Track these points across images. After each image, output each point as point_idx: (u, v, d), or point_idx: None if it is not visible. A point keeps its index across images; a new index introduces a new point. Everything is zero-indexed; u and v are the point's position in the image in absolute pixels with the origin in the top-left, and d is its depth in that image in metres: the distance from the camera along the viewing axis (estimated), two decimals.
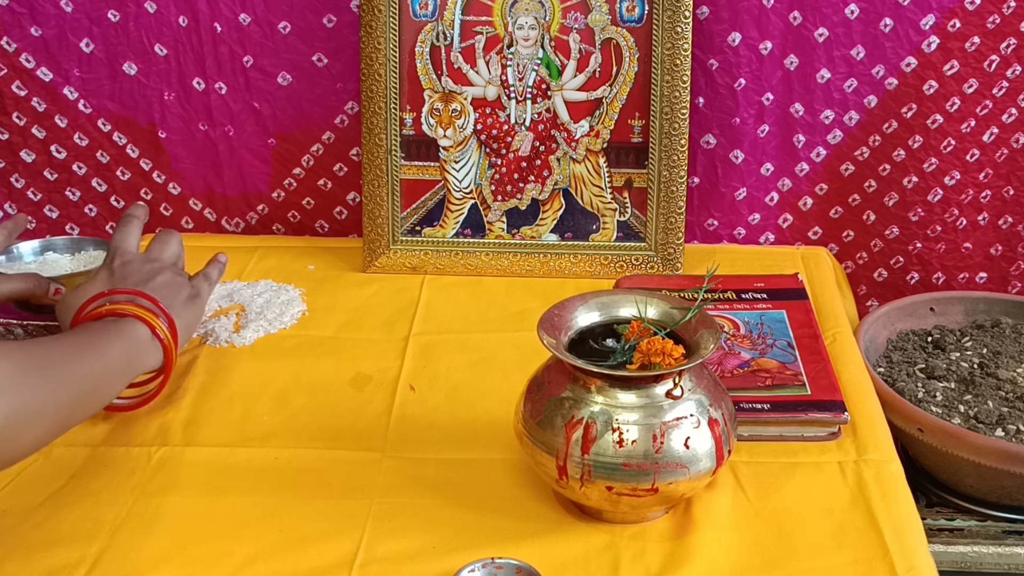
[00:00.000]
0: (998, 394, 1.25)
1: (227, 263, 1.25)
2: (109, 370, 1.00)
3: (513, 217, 1.38)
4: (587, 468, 0.91)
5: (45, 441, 0.91)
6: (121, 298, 1.06)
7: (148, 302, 1.06)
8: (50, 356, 0.93)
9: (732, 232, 1.46)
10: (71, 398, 0.93)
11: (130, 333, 1.03)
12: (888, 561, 0.91)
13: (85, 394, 0.96)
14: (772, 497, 0.99)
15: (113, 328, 1.02)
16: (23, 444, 0.88)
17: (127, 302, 1.06)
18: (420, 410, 1.12)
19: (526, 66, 1.34)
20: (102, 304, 1.06)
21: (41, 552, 0.93)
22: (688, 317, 0.96)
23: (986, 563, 1.22)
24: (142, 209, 1.21)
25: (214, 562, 0.92)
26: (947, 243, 1.45)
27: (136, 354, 1.03)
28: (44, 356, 0.93)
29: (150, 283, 1.10)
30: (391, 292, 1.34)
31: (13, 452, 0.87)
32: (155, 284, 1.10)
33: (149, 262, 1.14)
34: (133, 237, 1.17)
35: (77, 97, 1.43)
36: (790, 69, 1.37)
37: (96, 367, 0.98)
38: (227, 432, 1.09)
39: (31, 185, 1.49)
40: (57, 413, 0.91)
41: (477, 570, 0.88)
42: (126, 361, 1.02)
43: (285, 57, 1.40)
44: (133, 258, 1.14)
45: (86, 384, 0.96)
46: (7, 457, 0.87)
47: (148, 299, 1.07)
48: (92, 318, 1.05)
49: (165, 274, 1.12)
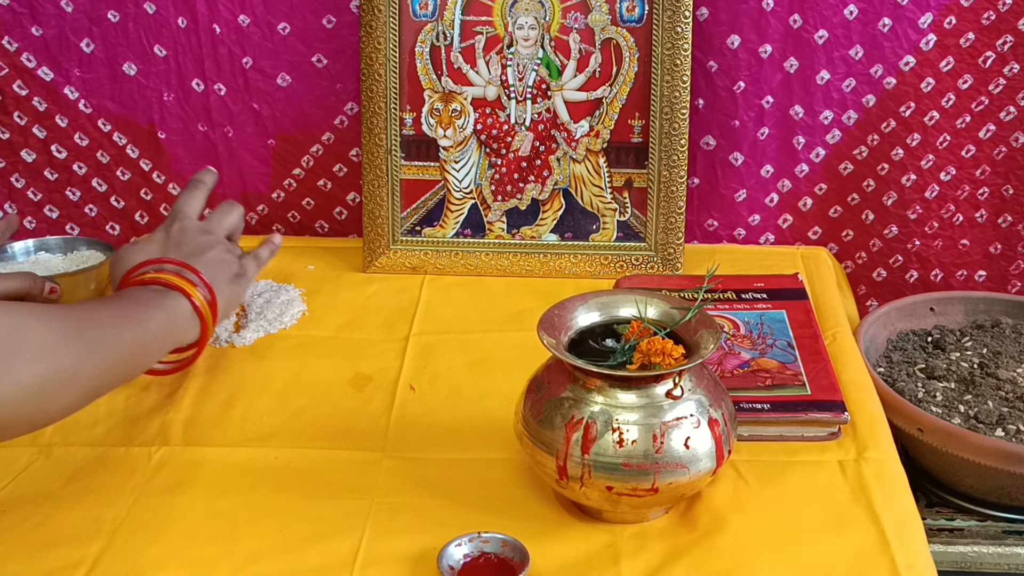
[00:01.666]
0: (998, 394, 1.25)
1: (281, 244, 1.26)
2: (147, 340, 1.02)
3: (513, 217, 1.38)
4: (587, 468, 0.91)
5: (79, 405, 0.93)
6: (170, 268, 1.09)
7: (194, 276, 1.09)
8: (90, 321, 0.95)
9: (732, 232, 1.46)
10: (107, 364, 0.95)
11: (172, 306, 1.05)
12: (889, 557, 0.91)
13: (122, 361, 0.98)
14: (772, 497, 0.99)
15: (156, 299, 1.05)
16: (57, 407, 0.90)
17: (174, 273, 1.08)
18: (420, 410, 1.12)
19: (526, 66, 1.34)
20: (150, 271, 1.09)
21: (41, 552, 0.93)
22: (688, 317, 0.96)
23: (986, 563, 1.22)
24: (211, 175, 1.24)
25: (214, 562, 0.92)
26: (944, 240, 1.45)
27: (175, 327, 1.06)
28: (84, 321, 0.95)
29: (201, 256, 1.12)
30: (391, 292, 1.34)
31: (47, 415, 0.90)
32: (206, 258, 1.12)
33: (205, 233, 1.16)
34: (197, 202, 1.21)
35: (77, 97, 1.44)
36: (790, 72, 1.37)
37: (135, 336, 1.00)
38: (227, 432, 1.09)
39: (31, 185, 1.49)
40: (92, 378, 0.93)
41: (464, 544, 0.89)
42: (165, 333, 1.05)
43: (285, 58, 1.40)
44: (191, 226, 1.17)
45: (123, 352, 0.98)
46: (41, 419, 0.90)
47: (195, 273, 1.09)
48: (139, 283, 1.07)
49: (217, 249, 1.15)
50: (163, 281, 1.07)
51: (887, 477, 1.01)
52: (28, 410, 0.87)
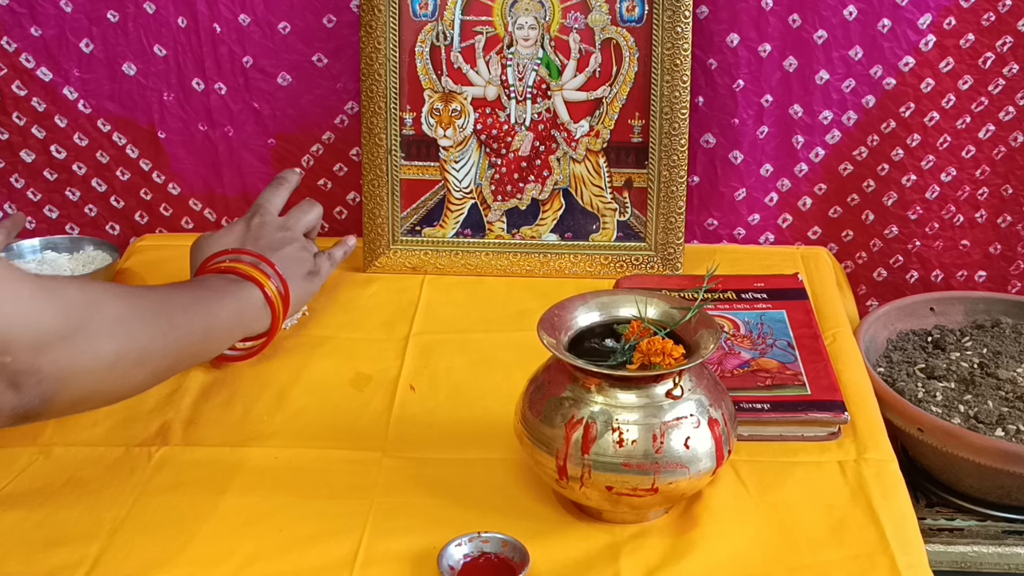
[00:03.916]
0: (998, 394, 1.25)
1: (355, 246, 1.31)
2: (218, 326, 1.06)
3: (513, 217, 1.38)
4: (587, 468, 0.91)
5: (149, 384, 0.97)
6: (247, 259, 1.13)
7: (270, 268, 1.12)
8: (165, 303, 0.99)
9: (732, 232, 1.46)
10: (179, 346, 0.99)
11: (245, 295, 1.09)
12: (889, 556, 0.91)
13: (192, 345, 1.01)
14: (772, 497, 0.99)
15: (230, 288, 1.08)
16: (130, 384, 0.94)
17: (251, 264, 1.12)
18: (420, 410, 1.12)
19: (526, 66, 1.34)
20: (228, 260, 1.12)
21: (41, 552, 0.93)
22: (688, 317, 0.96)
23: (986, 563, 1.22)
24: (296, 175, 1.29)
25: (214, 562, 0.92)
26: (945, 240, 1.45)
27: (247, 316, 1.09)
28: (160, 303, 0.98)
29: (278, 251, 1.16)
30: (391, 292, 1.34)
31: (120, 391, 0.94)
32: (282, 253, 1.16)
33: (283, 230, 1.20)
34: (279, 199, 1.25)
35: (77, 97, 1.43)
36: (789, 71, 1.37)
37: (206, 322, 1.03)
38: (227, 432, 1.09)
39: (31, 185, 1.49)
40: (163, 358, 0.97)
41: (464, 543, 0.89)
42: (236, 321, 1.08)
43: (285, 57, 1.40)
44: (271, 220, 1.21)
45: (194, 336, 1.01)
46: (115, 395, 0.94)
47: (270, 265, 1.12)
48: (216, 271, 1.11)
49: (294, 245, 1.19)
50: (239, 271, 1.10)
51: (887, 477, 1.01)
52: (104, 385, 0.91)
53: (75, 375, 0.87)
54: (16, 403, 0.84)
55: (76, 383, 0.88)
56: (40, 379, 0.84)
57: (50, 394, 0.86)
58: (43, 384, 0.85)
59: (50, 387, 0.85)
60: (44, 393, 0.85)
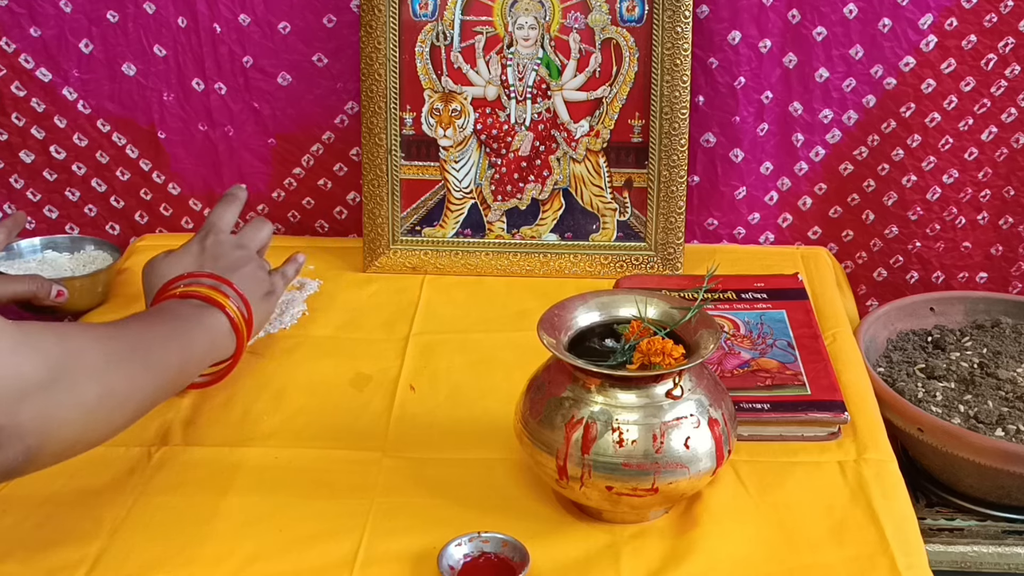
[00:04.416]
0: (998, 394, 1.25)
1: (304, 262, 1.28)
2: (192, 359, 1.04)
3: (513, 217, 1.38)
4: (587, 468, 0.91)
5: (130, 422, 0.94)
6: (207, 282, 1.10)
7: (231, 290, 1.10)
8: (141, 341, 0.97)
9: (732, 232, 1.46)
10: (156, 384, 0.97)
11: (213, 324, 1.07)
12: (889, 556, 0.91)
13: (169, 380, 1.00)
14: (772, 497, 0.99)
15: (197, 316, 1.06)
16: (111, 427, 0.92)
17: (212, 287, 1.09)
18: (420, 410, 1.12)
19: (526, 66, 1.34)
20: (189, 283, 1.09)
21: (41, 552, 0.93)
22: (688, 317, 0.96)
23: (986, 563, 1.22)
24: (244, 192, 1.26)
25: (214, 562, 0.92)
26: (946, 242, 1.45)
27: (216, 344, 1.07)
28: (135, 342, 0.96)
29: (236, 271, 1.13)
30: (391, 292, 1.34)
31: (101, 434, 0.91)
32: (241, 274, 1.13)
33: (239, 248, 1.18)
34: (230, 216, 1.22)
35: (76, 97, 1.43)
36: (789, 68, 1.37)
37: (181, 356, 1.02)
38: (227, 432, 1.09)
39: (31, 185, 1.49)
40: (143, 398, 0.95)
41: (464, 543, 0.89)
42: (207, 350, 1.06)
43: (285, 57, 1.40)
44: (225, 239, 1.18)
45: (171, 372, 1.00)
46: (96, 439, 0.91)
47: (233, 288, 1.10)
48: (176, 296, 1.08)
49: (251, 265, 1.16)
50: (201, 295, 1.07)
51: (887, 477, 1.01)
52: (87, 431, 0.88)
53: (58, 426, 0.84)
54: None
55: (59, 434, 0.85)
56: (22, 434, 0.81)
57: (34, 448, 0.83)
58: (26, 439, 0.82)
59: (34, 441, 0.82)
60: (28, 448, 0.82)
